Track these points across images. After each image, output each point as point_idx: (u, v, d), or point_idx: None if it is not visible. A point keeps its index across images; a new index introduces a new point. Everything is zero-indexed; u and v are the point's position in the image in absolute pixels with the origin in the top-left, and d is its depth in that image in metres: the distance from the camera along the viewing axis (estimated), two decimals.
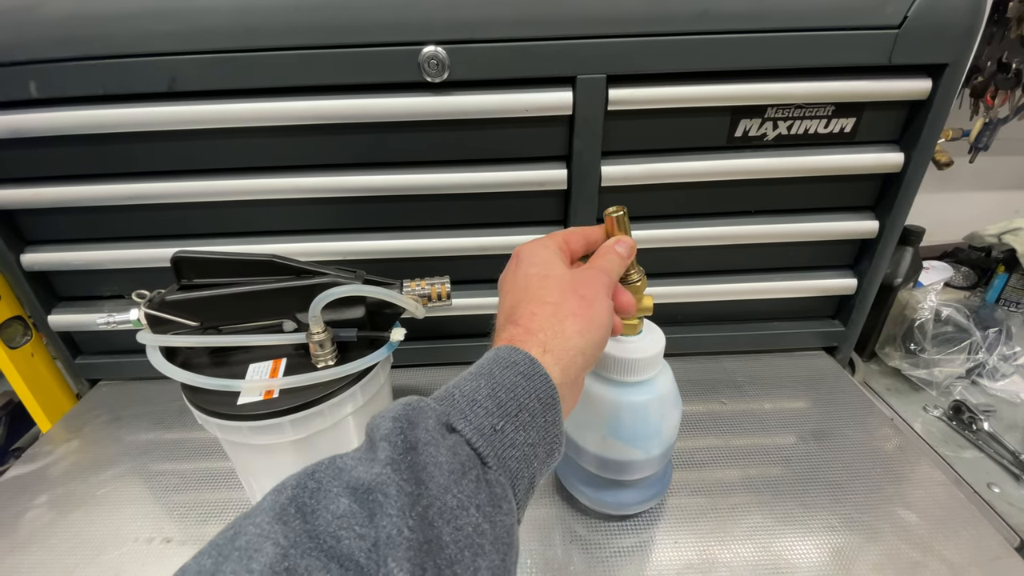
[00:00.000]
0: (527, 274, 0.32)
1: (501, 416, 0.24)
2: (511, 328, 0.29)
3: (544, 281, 0.31)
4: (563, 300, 0.30)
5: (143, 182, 0.54)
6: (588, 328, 0.29)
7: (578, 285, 0.31)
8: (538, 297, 0.30)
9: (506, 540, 0.23)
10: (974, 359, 0.70)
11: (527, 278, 0.31)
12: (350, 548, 0.20)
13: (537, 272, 0.31)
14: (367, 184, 0.54)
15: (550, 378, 0.27)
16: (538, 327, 0.28)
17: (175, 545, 0.46)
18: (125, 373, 0.67)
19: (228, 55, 0.48)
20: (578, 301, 0.30)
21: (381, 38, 0.47)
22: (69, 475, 0.55)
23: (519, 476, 0.25)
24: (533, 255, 0.33)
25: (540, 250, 0.33)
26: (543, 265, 0.32)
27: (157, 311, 0.38)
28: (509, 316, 0.30)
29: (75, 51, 0.48)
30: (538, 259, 0.32)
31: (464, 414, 0.24)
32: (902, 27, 0.48)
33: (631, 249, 0.36)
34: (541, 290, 0.30)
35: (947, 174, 0.81)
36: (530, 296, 0.30)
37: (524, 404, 0.25)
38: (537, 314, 0.29)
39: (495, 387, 0.25)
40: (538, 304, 0.29)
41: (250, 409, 0.36)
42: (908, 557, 0.43)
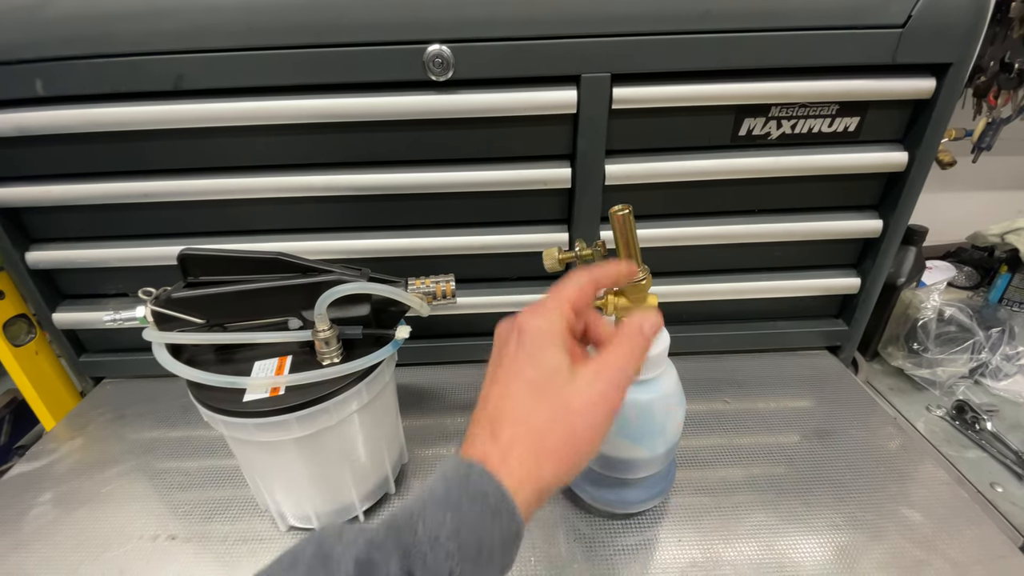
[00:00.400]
0: (521, 375, 0.28)
1: (462, 559, 0.24)
2: (489, 443, 0.27)
3: (537, 398, 0.27)
4: (550, 432, 0.27)
5: (149, 180, 0.54)
6: (565, 474, 0.27)
7: (573, 413, 0.27)
8: (526, 420, 0.27)
9: None
10: (977, 359, 0.70)
11: (520, 381, 0.28)
12: None
13: (534, 379, 0.28)
14: (372, 183, 0.54)
15: (518, 513, 0.25)
16: (517, 461, 0.26)
17: (180, 542, 0.46)
18: (129, 371, 0.67)
19: (234, 53, 0.48)
20: (566, 437, 0.27)
21: (386, 37, 0.47)
22: (73, 472, 0.55)
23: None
24: (535, 349, 0.29)
25: (544, 344, 0.29)
26: (542, 370, 0.28)
27: (163, 308, 0.38)
28: (492, 420, 0.28)
29: (81, 49, 0.48)
30: (539, 360, 0.29)
31: (424, 558, 0.23)
32: (906, 26, 0.48)
33: (657, 327, 0.32)
34: (531, 409, 0.27)
35: (950, 174, 0.81)
36: (518, 412, 0.27)
37: (486, 543, 0.24)
38: (519, 441, 0.26)
39: (459, 524, 0.24)
40: (524, 430, 0.27)
41: (256, 406, 0.36)
42: (912, 556, 0.43)
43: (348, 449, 0.43)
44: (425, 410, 0.61)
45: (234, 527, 0.48)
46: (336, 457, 0.42)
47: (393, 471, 0.49)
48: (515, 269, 0.62)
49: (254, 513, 0.49)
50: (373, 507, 0.48)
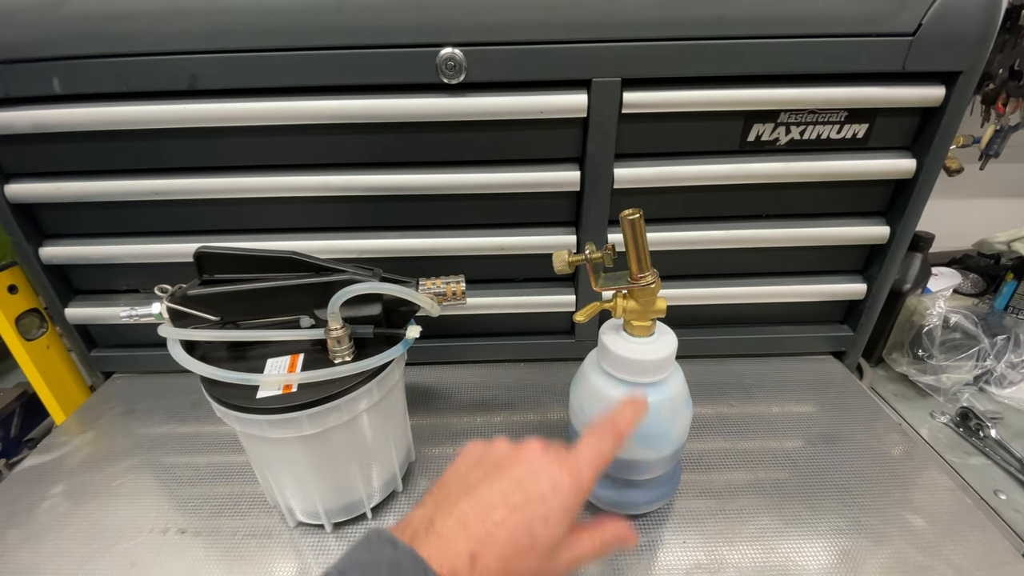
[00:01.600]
0: (523, 529, 0.27)
1: None
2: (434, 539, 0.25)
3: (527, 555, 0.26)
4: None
5: (163, 178, 0.55)
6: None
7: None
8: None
9: None
10: (982, 366, 0.70)
11: (522, 520, 0.27)
12: None
13: (534, 533, 0.27)
14: (383, 183, 0.55)
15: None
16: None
17: (190, 536, 0.47)
18: (139, 366, 0.68)
19: (248, 54, 0.48)
20: None
21: (399, 40, 0.48)
22: (84, 466, 0.55)
23: None
24: (558, 511, 0.28)
25: (565, 511, 0.28)
26: (546, 537, 0.27)
27: (179, 305, 0.38)
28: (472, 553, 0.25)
29: (98, 48, 0.49)
30: (552, 522, 0.27)
31: None
32: (916, 34, 0.48)
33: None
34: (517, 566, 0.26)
35: (957, 181, 0.81)
36: (506, 556, 0.26)
37: None
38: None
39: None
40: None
41: (269, 403, 0.37)
42: (915, 561, 0.44)
43: (357, 447, 0.43)
44: (432, 409, 0.61)
45: (243, 522, 0.48)
46: (345, 454, 0.43)
47: (401, 469, 0.49)
48: (523, 270, 0.62)
49: (263, 508, 0.49)
50: (381, 504, 0.49)
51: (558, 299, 0.62)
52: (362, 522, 0.47)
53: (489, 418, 0.60)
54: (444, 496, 0.29)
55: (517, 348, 0.67)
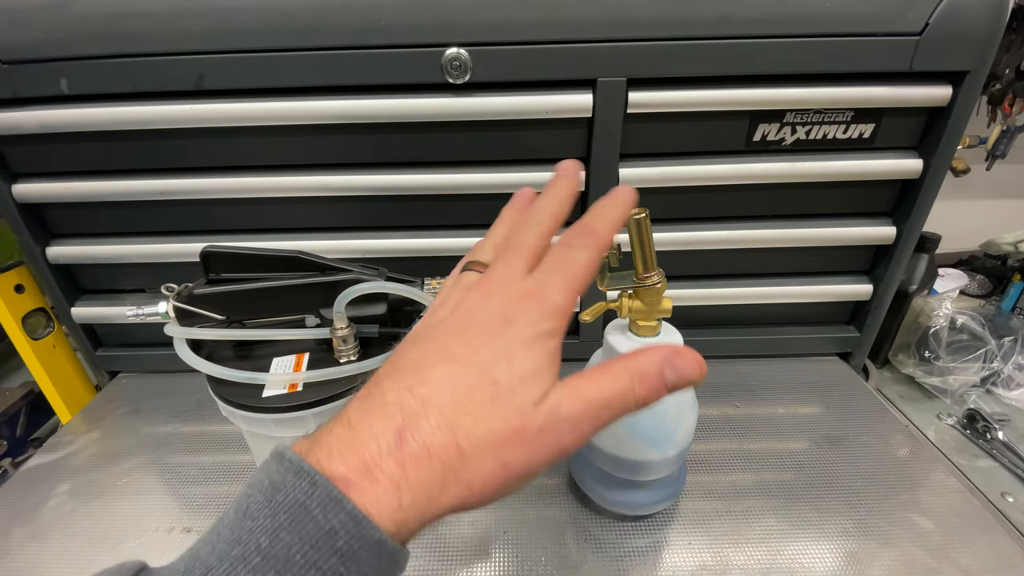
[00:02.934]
0: (477, 352, 0.21)
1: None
2: (379, 441, 0.18)
3: (489, 399, 0.19)
4: (478, 456, 0.19)
5: (169, 178, 0.55)
6: (469, 504, 0.19)
7: (521, 440, 0.19)
8: (456, 425, 0.19)
9: None
10: (989, 368, 0.70)
11: (469, 364, 0.20)
12: None
13: (497, 381, 0.20)
14: (388, 183, 0.55)
15: (390, 546, 0.17)
16: (413, 485, 0.18)
17: (195, 535, 0.47)
18: (144, 366, 0.68)
19: (255, 55, 0.49)
20: (495, 469, 0.19)
21: (405, 40, 0.48)
22: (90, 465, 0.55)
23: None
24: (524, 333, 0.21)
25: (537, 340, 0.22)
26: (517, 367, 0.21)
27: (185, 304, 0.39)
28: (397, 402, 0.19)
29: (105, 49, 0.49)
30: (517, 350, 0.21)
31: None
32: (923, 34, 0.48)
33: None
34: (469, 409, 0.19)
35: (963, 181, 0.81)
36: (447, 406, 0.19)
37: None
38: (430, 458, 0.18)
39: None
40: (444, 438, 0.18)
41: (275, 402, 0.37)
42: (923, 563, 0.43)
43: None
44: None
45: None
46: None
47: None
48: None
49: None
50: None
51: None
52: None
53: None
54: (365, 388, 0.21)
55: None
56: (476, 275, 0.25)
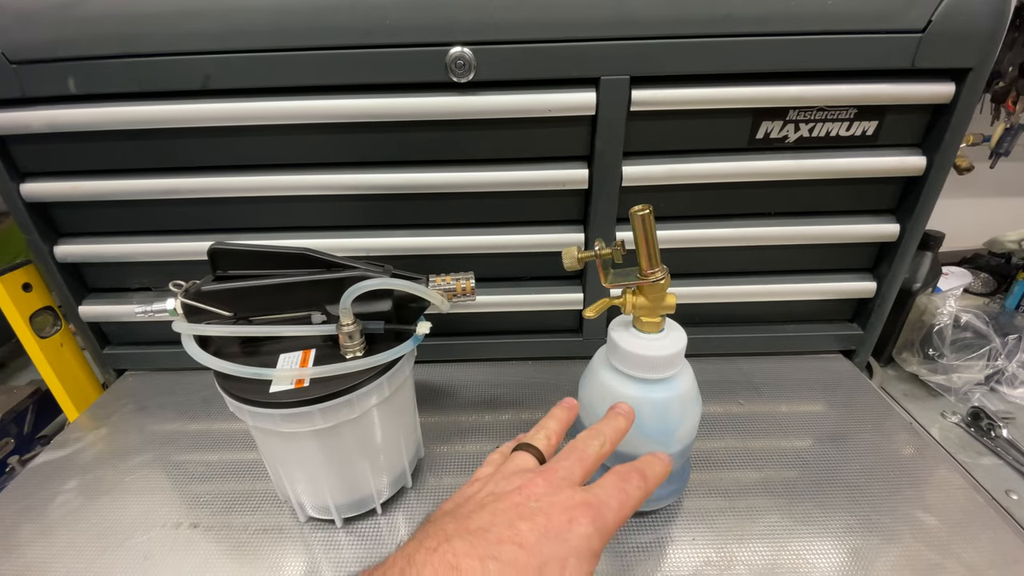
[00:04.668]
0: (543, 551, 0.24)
1: None
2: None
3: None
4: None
5: (176, 177, 0.56)
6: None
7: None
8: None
9: None
10: (993, 365, 0.70)
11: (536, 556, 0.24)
12: None
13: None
14: (393, 182, 0.55)
15: None
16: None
17: (202, 531, 0.47)
18: (151, 364, 0.69)
19: (260, 54, 0.49)
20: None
21: (409, 39, 0.48)
22: (97, 462, 0.56)
23: None
24: (579, 539, 0.25)
25: (586, 558, 0.25)
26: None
27: (193, 301, 0.39)
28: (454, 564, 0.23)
29: (113, 49, 0.49)
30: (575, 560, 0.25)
31: None
32: (926, 31, 0.48)
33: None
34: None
35: (967, 179, 0.81)
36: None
37: None
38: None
39: None
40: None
41: (281, 397, 0.37)
42: (927, 559, 0.43)
43: (367, 442, 0.43)
44: (441, 407, 0.61)
45: (254, 517, 0.48)
46: (356, 449, 0.43)
47: (410, 465, 0.50)
48: (532, 269, 0.62)
49: (274, 504, 0.49)
50: (390, 500, 0.49)
51: (566, 297, 0.63)
52: (372, 517, 0.48)
53: (497, 416, 0.60)
54: (430, 530, 0.25)
55: (525, 346, 0.67)
56: (532, 459, 0.31)
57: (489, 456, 0.35)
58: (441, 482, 0.52)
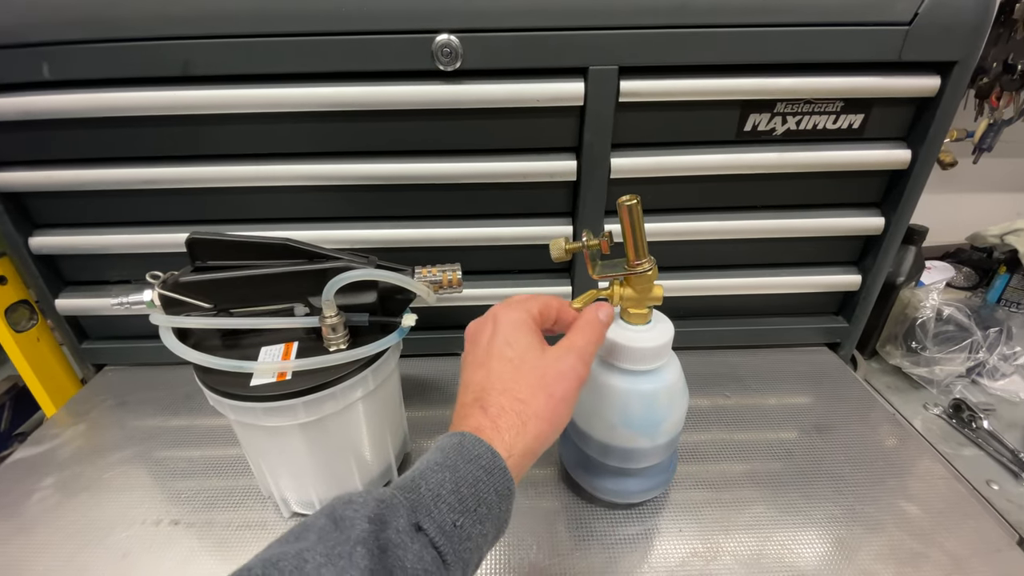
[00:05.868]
0: (502, 356, 0.33)
1: (462, 511, 0.26)
2: (480, 416, 0.30)
3: (517, 372, 0.32)
4: (532, 398, 0.31)
5: (154, 167, 0.54)
6: (548, 432, 0.31)
7: (549, 381, 0.32)
8: (510, 390, 0.31)
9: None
10: (974, 358, 0.71)
11: (501, 361, 0.32)
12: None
13: (513, 357, 0.33)
14: (378, 172, 0.54)
15: (509, 472, 0.28)
16: (506, 426, 0.30)
17: (182, 528, 0.47)
18: (131, 358, 0.67)
19: (241, 40, 0.48)
20: (546, 400, 0.31)
21: (395, 26, 0.47)
22: (75, 458, 0.55)
23: (470, 564, 0.27)
24: (510, 333, 0.34)
25: (516, 328, 0.34)
26: (519, 349, 0.33)
27: (171, 292, 0.38)
28: (478, 398, 0.31)
29: (88, 33, 0.48)
30: (514, 341, 0.33)
31: (429, 511, 0.26)
32: (913, 24, 0.49)
33: (610, 316, 0.37)
34: (513, 381, 0.31)
35: (950, 174, 0.82)
36: (503, 385, 0.31)
37: (483, 498, 0.27)
38: (506, 410, 0.30)
39: (458, 482, 0.27)
40: (509, 399, 0.31)
41: (263, 391, 0.37)
42: (910, 548, 0.44)
43: (352, 436, 0.43)
44: (428, 401, 0.61)
45: (236, 513, 0.48)
46: (340, 444, 0.42)
47: (396, 459, 0.49)
48: (519, 261, 0.62)
49: (257, 500, 0.49)
50: None
51: (554, 290, 0.62)
52: None
53: None
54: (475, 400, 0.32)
55: None
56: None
57: None
58: None
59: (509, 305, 0.36)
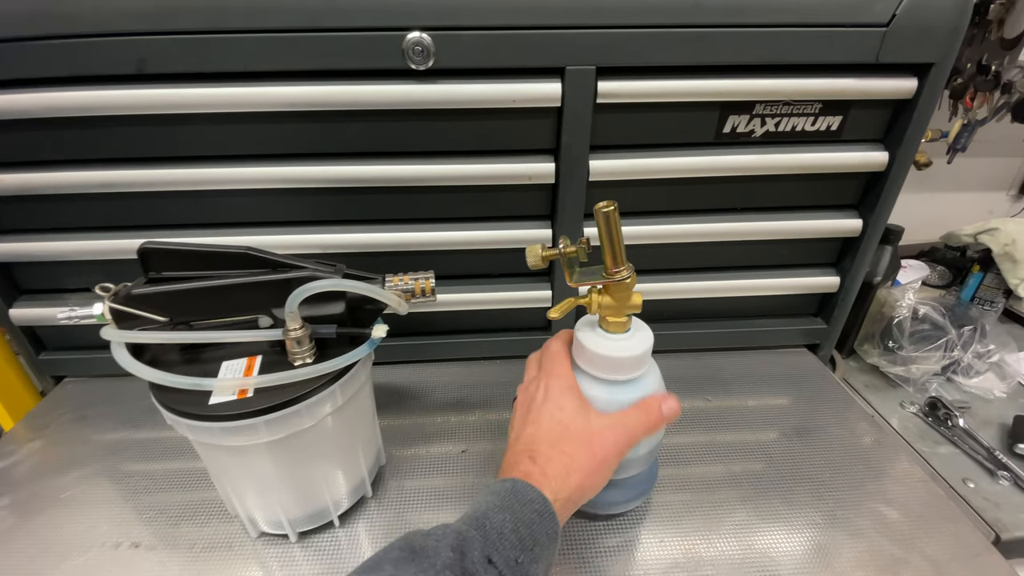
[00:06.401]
0: (552, 417, 0.37)
1: (522, 550, 0.29)
2: (529, 464, 0.34)
3: (566, 431, 0.36)
4: (577, 453, 0.35)
5: (111, 169, 0.52)
6: (588, 487, 0.35)
7: (594, 443, 0.36)
8: (557, 445, 0.35)
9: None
10: (949, 356, 0.71)
11: (551, 421, 0.37)
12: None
13: (562, 419, 0.37)
14: (347, 175, 0.52)
15: (556, 516, 0.32)
16: (552, 474, 0.34)
17: (143, 551, 0.44)
18: (92, 370, 0.64)
19: (201, 36, 0.45)
20: (589, 458, 0.35)
21: (363, 22, 0.45)
22: (32, 477, 0.52)
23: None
24: (560, 399, 0.38)
25: (565, 394, 0.38)
26: (568, 413, 0.37)
27: (122, 306, 0.36)
28: (528, 449, 0.36)
29: (37, 29, 0.45)
30: (564, 406, 0.38)
31: (497, 547, 0.29)
32: (890, 25, 0.48)
33: (674, 414, 0.40)
34: (561, 439, 0.36)
35: (925, 174, 0.82)
36: (551, 439, 0.36)
37: (538, 539, 0.31)
38: (553, 460, 0.34)
39: (517, 523, 0.30)
40: (557, 451, 0.35)
41: (222, 409, 0.35)
42: (891, 554, 0.44)
43: (322, 452, 0.41)
44: (404, 410, 0.59)
45: (202, 533, 0.46)
46: (309, 461, 0.40)
47: (370, 474, 0.47)
48: (497, 265, 0.61)
49: (224, 518, 0.47)
50: (350, 511, 0.47)
51: (534, 295, 0.61)
52: (329, 530, 0.45)
53: (464, 417, 0.58)
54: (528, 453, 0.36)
55: (493, 345, 0.65)
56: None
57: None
58: (404, 489, 0.49)
59: (556, 374, 0.40)
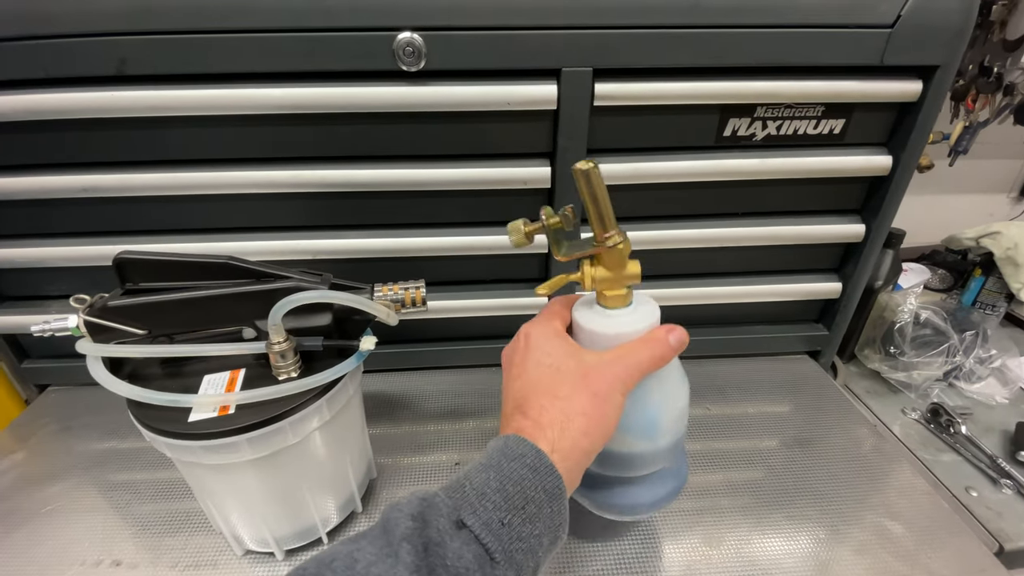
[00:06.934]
0: (539, 363, 0.32)
1: (508, 510, 0.25)
2: (520, 419, 0.30)
3: (557, 374, 0.31)
4: (573, 395, 0.30)
5: (91, 173, 0.50)
6: (595, 429, 0.30)
7: (592, 380, 0.31)
8: (549, 391, 0.31)
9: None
10: (951, 362, 0.70)
11: (538, 368, 0.32)
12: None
13: (549, 364, 0.32)
14: (335, 179, 0.51)
15: (556, 469, 0.27)
16: (547, 422, 0.29)
17: (124, 568, 0.43)
18: (76, 378, 0.63)
19: (183, 36, 0.44)
20: (589, 399, 0.30)
21: (351, 22, 0.44)
22: (14, 490, 0.51)
23: (524, 568, 0.26)
24: (544, 344, 0.33)
25: (550, 339, 0.34)
26: (557, 356, 0.32)
27: (98, 318, 0.34)
28: (518, 405, 0.31)
29: (13, 30, 0.44)
30: (551, 350, 0.33)
31: (473, 508, 0.25)
32: (895, 26, 0.47)
33: (683, 341, 0.35)
34: (552, 383, 0.31)
35: (926, 177, 0.81)
36: (543, 388, 0.31)
37: (531, 496, 0.26)
38: (547, 408, 0.30)
39: (503, 480, 0.26)
40: (549, 398, 0.30)
41: (203, 427, 0.33)
42: (895, 570, 0.43)
43: (309, 469, 0.40)
44: (396, 419, 0.58)
45: (185, 549, 0.44)
46: (296, 478, 0.39)
47: (360, 488, 0.46)
48: (491, 271, 0.59)
49: (209, 533, 0.45)
50: (339, 526, 0.45)
51: (530, 301, 0.60)
52: (318, 548, 0.44)
53: (458, 426, 0.57)
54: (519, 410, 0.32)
55: (488, 352, 0.64)
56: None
57: None
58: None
59: (535, 321, 0.36)
